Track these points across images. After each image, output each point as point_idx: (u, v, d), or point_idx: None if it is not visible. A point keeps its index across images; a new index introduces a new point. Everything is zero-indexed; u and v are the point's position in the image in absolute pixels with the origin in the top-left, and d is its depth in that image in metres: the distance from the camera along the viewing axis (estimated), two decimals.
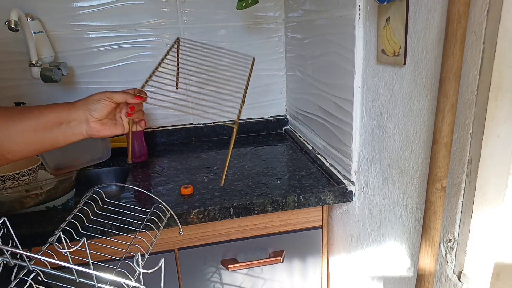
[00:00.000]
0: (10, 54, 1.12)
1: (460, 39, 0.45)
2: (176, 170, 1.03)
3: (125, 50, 1.19)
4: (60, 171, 0.99)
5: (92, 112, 0.61)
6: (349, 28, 0.77)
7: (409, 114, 0.61)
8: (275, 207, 0.83)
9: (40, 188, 0.89)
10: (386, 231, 0.73)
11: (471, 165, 0.47)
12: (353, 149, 0.83)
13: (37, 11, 1.10)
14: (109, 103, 0.63)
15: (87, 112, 0.61)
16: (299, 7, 1.08)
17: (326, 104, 0.95)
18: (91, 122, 0.62)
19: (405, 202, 0.65)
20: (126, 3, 1.15)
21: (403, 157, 0.64)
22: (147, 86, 0.70)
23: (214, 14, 1.21)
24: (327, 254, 0.97)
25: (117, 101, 0.64)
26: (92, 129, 0.62)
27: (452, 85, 0.46)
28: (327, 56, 0.91)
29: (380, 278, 0.77)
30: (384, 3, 0.62)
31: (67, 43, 1.15)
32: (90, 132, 0.62)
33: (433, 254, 0.53)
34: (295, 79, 1.21)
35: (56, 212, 0.82)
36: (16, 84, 1.15)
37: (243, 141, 1.27)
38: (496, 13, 0.41)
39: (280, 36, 1.28)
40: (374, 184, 0.76)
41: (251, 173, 0.97)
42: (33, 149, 0.59)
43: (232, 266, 0.87)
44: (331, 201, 0.85)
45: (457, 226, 0.51)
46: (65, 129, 0.60)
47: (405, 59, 0.60)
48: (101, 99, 0.62)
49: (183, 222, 0.79)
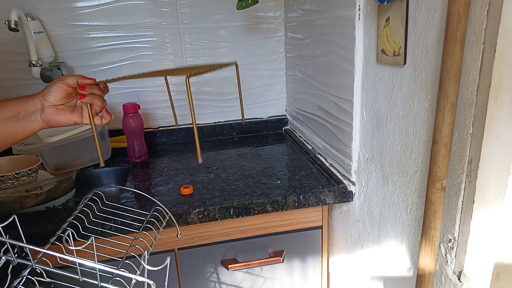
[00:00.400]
0: (10, 54, 1.12)
1: (460, 39, 0.45)
2: (176, 170, 1.03)
3: (125, 50, 1.19)
4: (60, 171, 0.99)
5: (46, 96, 0.61)
6: (349, 28, 0.77)
7: (409, 114, 0.61)
8: (275, 207, 0.83)
9: (40, 188, 0.89)
10: (386, 231, 0.73)
11: (471, 165, 0.47)
12: (353, 149, 0.83)
13: (37, 11, 1.10)
14: (61, 85, 0.62)
15: (41, 97, 0.61)
16: (299, 7, 1.08)
17: (326, 104, 0.95)
18: (45, 108, 0.61)
19: (405, 202, 0.65)
20: (126, 3, 1.15)
21: (403, 157, 0.64)
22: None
23: (214, 14, 1.21)
24: (327, 254, 0.97)
25: (69, 82, 0.62)
26: (47, 114, 0.61)
27: (452, 85, 0.46)
28: (327, 56, 0.91)
29: (380, 278, 0.77)
30: (384, 3, 0.62)
31: (67, 43, 1.15)
32: (45, 118, 0.62)
33: (433, 254, 0.53)
34: (295, 79, 1.21)
35: (56, 212, 0.82)
36: (16, 84, 1.15)
37: (243, 141, 1.27)
38: (496, 13, 0.41)
39: (280, 36, 1.28)
40: (374, 184, 0.76)
41: (251, 173, 0.97)
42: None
43: (232, 266, 0.87)
44: (331, 201, 0.85)
45: (457, 226, 0.51)
46: (22, 118, 0.61)
47: (405, 59, 0.60)
48: (55, 82, 0.62)
49: (183, 222, 0.79)
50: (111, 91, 1.24)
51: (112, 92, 1.22)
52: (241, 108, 0.71)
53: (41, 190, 0.89)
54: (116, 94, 1.22)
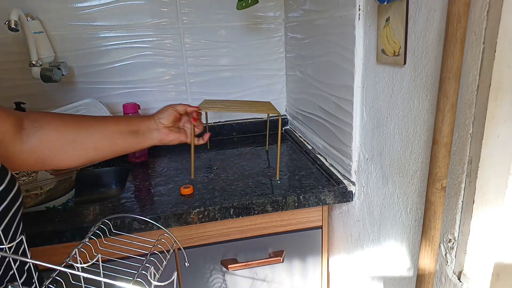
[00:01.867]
0: (10, 54, 1.12)
1: (460, 39, 0.45)
2: (176, 170, 1.03)
3: (125, 50, 1.19)
4: (60, 171, 0.99)
5: (161, 120, 0.77)
6: (349, 28, 0.77)
7: (409, 114, 0.61)
8: (275, 207, 0.83)
9: (40, 188, 0.89)
10: (386, 231, 0.73)
11: (471, 165, 0.47)
12: (353, 149, 0.83)
13: (37, 11, 1.10)
14: (172, 111, 0.77)
15: (157, 120, 0.77)
16: (299, 7, 1.08)
17: (326, 104, 0.95)
18: (161, 128, 0.76)
19: (405, 202, 0.65)
20: (126, 3, 1.15)
21: (403, 157, 0.64)
22: None
23: (214, 14, 1.21)
24: (327, 254, 0.97)
25: (179, 109, 0.79)
26: (162, 134, 0.76)
27: (452, 85, 0.46)
28: (327, 56, 0.91)
29: (380, 278, 0.77)
30: (384, 3, 0.62)
31: (67, 43, 1.15)
32: (160, 137, 0.76)
33: (433, 254, 0.53)
34: (295, 79, 1.21)
35: (56, 212, 0.82)
36: (16, 84, 1.15)
37: (243, 141, 1.27)
38: (496, 13, 0.41)
39: (280, 36, 1.28)
40: (374, 184, 0.76)
41: (251, 173, 0.97)
42: (114, 149, 0.71)
43: (232, 266, 0.87)
44: (331, 201, 0.85)
45: (457, 226, 0.51)
46: (142, 134, 0.74)
47: (405, 59, 0.60)
48: (167, 109, 0.78)
49: (183, 222, 0.79)
50: (110, 91, 1.25)
51: (112, 92, 1.22)
52: None
53: (41, 190, 0.89)
54: (116, 94, 1.22)
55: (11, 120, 0.58)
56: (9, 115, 0.58)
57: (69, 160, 0.66)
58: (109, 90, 1.21)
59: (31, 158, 0.61)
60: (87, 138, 0.67)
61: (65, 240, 0.76)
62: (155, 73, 1.23)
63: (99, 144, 0.68)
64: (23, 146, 0.60)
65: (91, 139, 0.68)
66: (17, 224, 0.51)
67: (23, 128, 0.60)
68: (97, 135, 0.68)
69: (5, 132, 0.57)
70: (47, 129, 0.63)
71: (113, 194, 1.12)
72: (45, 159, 0.63)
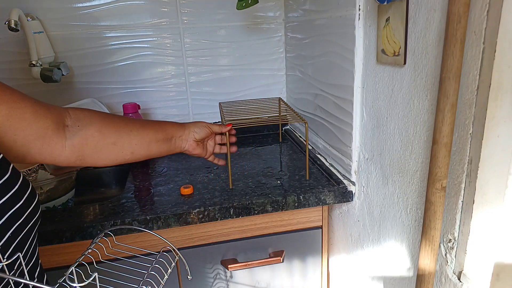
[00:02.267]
0: (10, 54, 1.12)
1: (460, 39, 0.45)
2: (176, 170, 1.03)
3: (125, 50, 1.19)
4: (60, 171, 0.99)
5: (195, 134, 0.80)
6: (349, 28, 0.77)
7: (409, 114, 0.61)
8: (275, 207, 0.83)
9: (40, 188, 0.89)
10: (386, 231, 0.73)
11: (471, 165, 0.47)
12: (353, 149, 0.83)
13: (37, 11, 1.10)
14: (208, 130, 0.81)
15: (192, 132, 0.80)
16: (299, 7, 1.08)
17: (326, 104, 0.95)
18: (191, 140, 0.80)
19: (405, 202, 0.65)
20: (126, 3, 1.15)
21: (403, 157, 0.64)
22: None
23: (214, 14, 1.21)
24: (327, 254, 0.97)
25: (214, 129, 0.83)
26: (190, 146, 0.80)
27: (452, 85, 0.46)
28: (327, 56, 0.91)
29: (380, 278, 0.77)
30: (384, 3, 0.62)
31: (67, 43, 1.15)
32: (187, 148, 0.80)
33: (433, 254, 0.53)
34: (295, 79, 1.21)
35: (56, 212, 0.82)
36: (16, 84, 1.15)
37: (243, 141, 1.27)
38: (496, 13, 0.41)
39: (280, 36, 1.28)
40: (374, 184, 0.76)
41: (251, 173, 0.97)
42: (148, 154, 0.74)
43: (232, 266, 0.87)
44: (331, 201, 0.85)
45: (457, 226, 0.51)
46: (173, 142, 0.77)
47: (405, 59, 0.60)
48: (204, 126, 0.81)
49: (183, 222, 0.79)
50: (110, 91, 1.24)
51: (112, 92, 1.22)
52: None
53: (41, 190, 0.89)
54: (116, 94, 1.22)
55: (52, 116, 0.58)
56: (49, 111, 0.58)
57: (106, 160, 0.68)
58: (109, 90, 1.21)
59: (73, 155, 0.63)
60: (127, 142, 0.70)
61: (65, 240, 0.76)
62: (155, 73, 1.23)
63: (136, 149, 0.71)
64: (66, 142, 0.61)
65: (130, 143, 0.70)
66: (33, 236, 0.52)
67: (66, 125, 0.61)
68: (136, 140, 0.71)
69: (47, 128, 0.57)
70: (91, 130, 0.64)
71: (113, 194, 1.12)
72: (85, 157, 0.65)
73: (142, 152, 0.72)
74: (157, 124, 0.76)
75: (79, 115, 0.64)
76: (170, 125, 0.78)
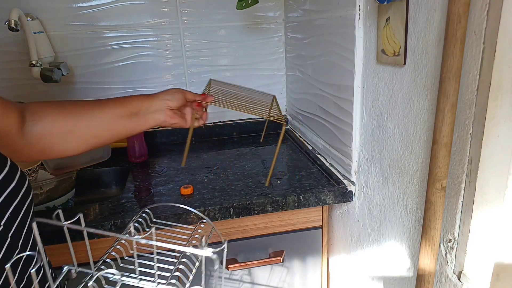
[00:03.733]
0: (10, 54, 1.12)
1: (460, 39, 0.45)
2: (176, 170, 1.03)
3: (125, 50, 1.19)
4: (60, 171, 0.99)
5: (168, 101, 0.72)
6: (349, 28, 0.77)
7: (409, 114, 0.61)
8: (275, 207, 0.83)
9: (40, 188, 0.89)
10: (386, 231, 0.73)
11: (471, 165, 0.47)
12: (353, 149, 0.83)
13: (37, 11, 1.10)
14: (182, 97, 0.74)
15: (164, 101, 0.72)
16: (299, 7, 1.08)
17: (326, 104, 0.95)
18: (166, 110, 0.72)
19: (405, 202, 0.65)
20: (126, 3, 1.15)
21: (403, 157, 0.64)
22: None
23: (214, 14, 1.21)
24: (327, 254, 0.97)
25: (188, 98, 0.76)
26: (166, 116, 0.72)
27: (452, 85, 0.46)
28: (327, 56, 0.91)
29: (380, 278, 0.77)
30: (384, 3, 0.62)
31: (67, 43, 1.15)
32: (162, 118, 0.72)
33: (433, 254, 0.53)
34: (295, 79, 1.21)
35: None
36: (16, 84, 1.15)
37: (243, 141, 1.27)
38: (496, 13, 0.41)
39: (280, 36, 1.28)
40: (374, 184, 0.76)
41: (251, 173, 0.97)
42: (114, 134, 0.68)
43: (232, 266, 0.87)
44: (331, 201, 0.85)
45: (457, 226, 0.51)
46: (142, 115, 0.70)
47: (405, 59, 0.60)
48: (175, 92, 0.74)
49: (183, 222, 0.79)
50: (110, 91, 1.24)
51: (112, 92, 1.22)
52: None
53: (41, 190, 0.89)
54: (116, 94, 1.22)
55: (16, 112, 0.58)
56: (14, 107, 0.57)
57: (71, 149, 0.66)
58: (109, 90, 1.21)
59: (35, 150, 0.62)
60: (84, 126, 0.65)
61: (65, 240, 0.75)
62: (155, 73, 1.23)
63: (98, 131, 0.67)
64: (25, 138, 0.60)
65: (88, 127, 0.66)
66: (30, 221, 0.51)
67: (25, 121, 0.60)
68: (93, 122, 0.66)
69: (12, 124, 0.57)
70: (45, 122, 0.62)
71: (113, 194, 1.12)
72: (47, 150, 0.64)
73: (106, 133, 0.67)
74: (117, 100, 0.70)
75: (35, 108, 0.62)
76: (135, 98, 0.71)
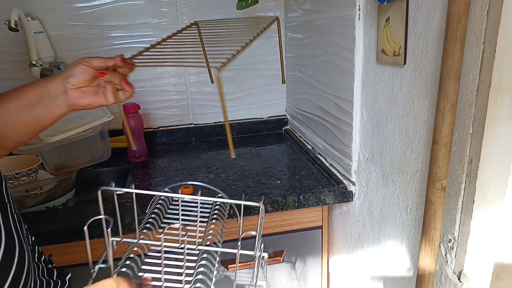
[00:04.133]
0: (10, 54, 1.12)
1: (460, 39, 0.45)
2: (176, 170, 1.03)
3: (125, 50, 1.19)
4: (60, 171, 0.99)
5: (69, 79, 0.57)
6: (349, 28, 0.77)
7: (409, 114, 0.61)
8: (275, 207, 0.83)
9: (40, 188, 0.89)
10: (386, 231, 0.73)
11: (471, 165, 0.47)
12: (353, 149, 0.83)
13: (37, 11, 1.10)
14: (86, 68, 0.58)
15: (64, 80, 0.58)
16: (299, 7, 1.08)
17: (326, 104, 0.95)
18: (69, 90, 0.58)
19: (405, 202, 0.65)
20: (126, 3, 1.15)
21: (403, 157, 0.64)
22: None
23: (214, 14, 1.21)
24: (327, 254, 0.97)
25: (94, 65, 0.58)
26: (72, 97, 0.58)
27: (452, 85, 0.46)
28: (327, 56, 0.91)
29: (380, 278, 0.77)
30: (384, 3, 0.62)
31: (67, 43, 1.15)
32: (70, 102, 0.58)
33: (433, 254, 0.53)
34: (295, 79, 1.21)
35: (56, 212, 0.82)
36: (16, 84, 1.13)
37: (243, 141, 1.27)
38: (496, 13, 0.41)
39: None
40: (374, 184, 0.76)
41: (251, 173, 0.97)
42: (20, 132, 0.58)
43: (232, 266, 0.87)
44: (331, 201, 0.85)
45: (457, 226, 0.51)
46: (46, 103, 0.57)
47: (405, 59, 0.60)
48: (78, 64, 0.58)
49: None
50: None
51: None
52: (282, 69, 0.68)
53: (41, 190, 0.89)
54: None
55: None
56: None
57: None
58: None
59: None
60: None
61: (65, 240, 0.76)
62: (155, 73, 1.23)
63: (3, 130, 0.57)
64: None
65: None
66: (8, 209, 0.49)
67: None
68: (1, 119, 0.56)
69: None
70: None
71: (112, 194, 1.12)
72: None
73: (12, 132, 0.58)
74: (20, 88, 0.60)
75: None
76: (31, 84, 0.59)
